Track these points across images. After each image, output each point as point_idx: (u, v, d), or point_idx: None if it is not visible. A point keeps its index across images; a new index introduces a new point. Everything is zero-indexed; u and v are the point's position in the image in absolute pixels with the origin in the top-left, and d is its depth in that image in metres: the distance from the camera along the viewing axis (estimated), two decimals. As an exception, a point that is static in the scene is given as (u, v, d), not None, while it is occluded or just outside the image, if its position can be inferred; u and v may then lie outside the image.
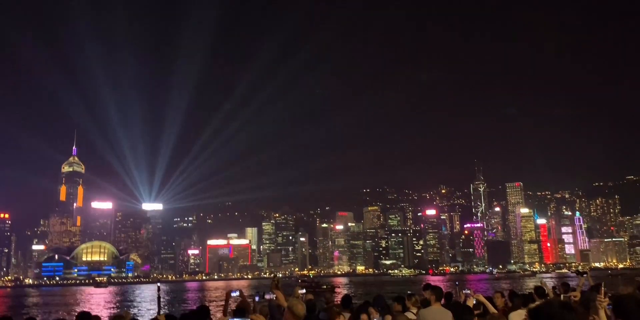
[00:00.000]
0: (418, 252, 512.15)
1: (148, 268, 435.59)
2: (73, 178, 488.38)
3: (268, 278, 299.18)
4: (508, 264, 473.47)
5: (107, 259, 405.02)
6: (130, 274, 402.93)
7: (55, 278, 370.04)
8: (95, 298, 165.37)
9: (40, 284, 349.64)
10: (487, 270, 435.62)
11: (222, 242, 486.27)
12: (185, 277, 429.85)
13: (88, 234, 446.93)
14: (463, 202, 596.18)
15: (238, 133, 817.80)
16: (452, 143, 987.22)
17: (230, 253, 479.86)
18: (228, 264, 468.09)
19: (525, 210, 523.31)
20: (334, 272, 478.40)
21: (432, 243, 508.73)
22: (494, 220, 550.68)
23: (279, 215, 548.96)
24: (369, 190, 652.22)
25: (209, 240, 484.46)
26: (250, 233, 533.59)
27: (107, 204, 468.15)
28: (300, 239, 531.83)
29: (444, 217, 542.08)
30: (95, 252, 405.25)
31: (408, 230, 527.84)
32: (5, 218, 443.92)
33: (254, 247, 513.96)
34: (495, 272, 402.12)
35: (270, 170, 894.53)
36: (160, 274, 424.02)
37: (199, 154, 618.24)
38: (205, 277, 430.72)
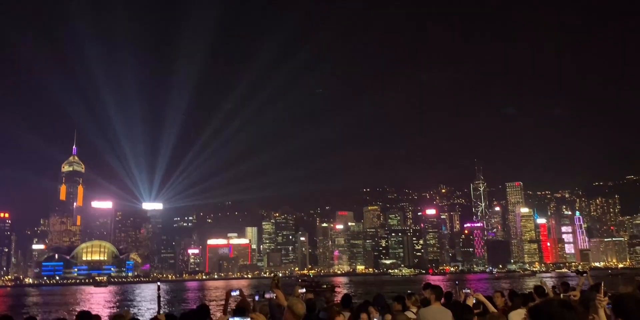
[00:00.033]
0: (418, 251, 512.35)
1: (148, 267, 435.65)
2: (73, 177, 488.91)
3: (268, 277, 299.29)
4: (508, 264, 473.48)
5: (107, 259, 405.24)
6: (130, 274, 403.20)
7: (55, 277, 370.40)
8: (96, 297, 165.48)
9: (40, 284, 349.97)
10: (487, 270, 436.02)
11: (222, 241, 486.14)
12: (185, 276, 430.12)
13: (88, 234, 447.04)
14: (463, 201, 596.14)
15: (238, 133, 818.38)
16: (452, 143, 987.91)
17: (230, 252, 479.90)
18: (228, 264, 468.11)
19: (525, 210, 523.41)
20: (334, 271, 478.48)
21: (432, 242, 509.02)
22: (494, 220, 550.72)
23: (279, 215, 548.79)
24: (369, 190, 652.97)
25: (209, 240, 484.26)
26: (250, 232, 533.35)
27: (107, 204, 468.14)
28: (300, 239, 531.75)
29: (444, 216, 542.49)
30: (95, 251, 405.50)
31: (408, 230, 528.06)
32: (5, 217, 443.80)
33: (254, 246, 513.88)
34: (495, 271, 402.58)
35: (270, 170, 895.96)
36: (160, 274, 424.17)
37: (199, 154, 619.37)
38: (205, 276, 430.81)
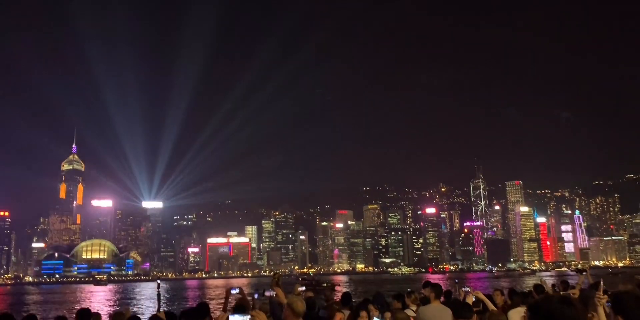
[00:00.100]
0: (418, 250, 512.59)
1: (148, 266, 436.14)
2: (73, 176, 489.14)
3: (268, 276, 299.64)
4: (508, 262, 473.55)
5: (107, 257, 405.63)
6: (130, 272, 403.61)
7: (55, 276, 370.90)
8: (95, 296, 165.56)
9: (40, 282, 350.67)
10: (486, 269, 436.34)
11: (222, 240, 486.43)
12: (185, 275, 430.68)
13: (88, 232, 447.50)
14: (463, 200, 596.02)
15: (238, 132, 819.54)
16: (452, 142, 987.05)
17: (230, 251, 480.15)
18: (228, 262, 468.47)
19: (525, 209, 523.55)
20: (334, 270, 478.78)
21: (431, 241, 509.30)
22: (494, 219, 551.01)
23: (279, 214, 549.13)
24: (369, 189, 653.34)
25: (209, 239, 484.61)
26: (250, 231, 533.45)
27: (107, 202, 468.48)
28: (300, 237, 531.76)
29: (444, 215, 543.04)
30: (95, 250, 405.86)
31: (408, 229, 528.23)
32: (5, 216, 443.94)
33: (254, 245, 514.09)
34: (495, 270, 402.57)
35: (270, 170, 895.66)
36: (160, 272, 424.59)
37: (199, 153, 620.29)
38: (205, 275, 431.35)
